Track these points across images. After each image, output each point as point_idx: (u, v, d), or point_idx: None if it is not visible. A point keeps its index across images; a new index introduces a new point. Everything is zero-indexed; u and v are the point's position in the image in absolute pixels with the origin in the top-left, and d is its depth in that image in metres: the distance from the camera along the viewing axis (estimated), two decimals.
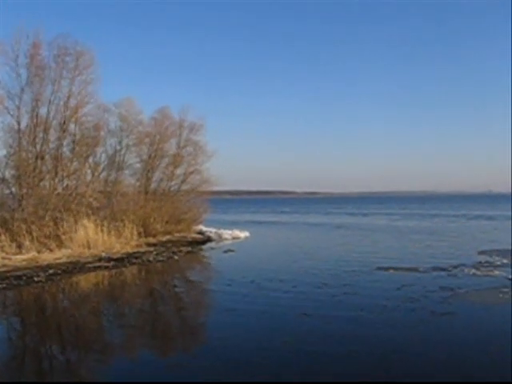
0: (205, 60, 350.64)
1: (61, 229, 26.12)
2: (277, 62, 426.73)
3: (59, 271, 20.98)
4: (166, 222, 35.54)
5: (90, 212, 28.13)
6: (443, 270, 20.94)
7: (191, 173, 38.31)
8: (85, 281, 20.27)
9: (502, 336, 11.50)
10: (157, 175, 37.34)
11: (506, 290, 16.49)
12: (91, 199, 28.90)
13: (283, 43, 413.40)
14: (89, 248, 26.01)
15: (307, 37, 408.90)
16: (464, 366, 9.48)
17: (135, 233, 30.56)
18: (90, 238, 26.48)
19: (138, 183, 36.02)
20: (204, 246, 32.55)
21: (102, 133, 32.39)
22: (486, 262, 23.24)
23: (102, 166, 32.88)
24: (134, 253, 26.80)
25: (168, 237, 34.42)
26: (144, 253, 27.02)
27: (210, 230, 38.61)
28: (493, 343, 10.92)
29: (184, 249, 29.66)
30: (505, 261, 23.34)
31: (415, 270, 21.01)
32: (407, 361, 9.87)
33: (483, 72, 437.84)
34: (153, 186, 37.06)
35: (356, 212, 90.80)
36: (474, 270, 20.64)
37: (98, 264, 23.09)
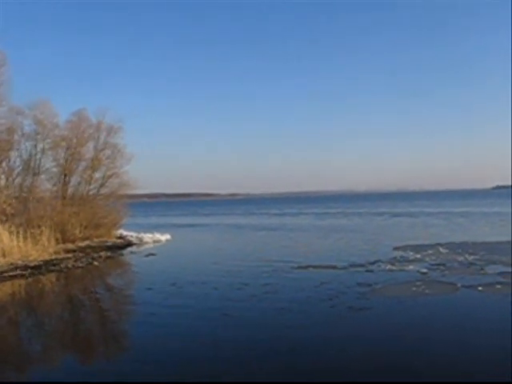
0: (122, 60, 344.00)
1: None
2: (200, 61, 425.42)
3: None
4: (85, 227, 34.80)
5: (4, 219, 27.25)
6: (361, 266, 21.65)
7: (110, 176, 37.69)
8: (0, 291, 19.61)
9: (415, 328, 12.11)
10: (74, 179, 36.50)
11: (418, 283, 17.28)
12: (5, 205, 27.96)
13: (213, 43, 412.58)
14: (4, 256, 25.10)
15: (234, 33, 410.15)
16: (380, 359, 9.90)
17: (53, 239, 29.77)
18: (4, 245, 25.57)
19: (54, 188, 35.08)
20: (124, 251, 32.13)
21: (16, 136, 31.45)
22: (401, 257, 24.23)
23: (16, 171, 31.91)
24: (52, 260, 26.10)
25: (87, 242, 33.71)
26: (62, 259, 26.36)
27: (131, 234, 38.20)
28: (407, 335, 11.48)
29: (104, 254, 29.16)
30: (418, 256, 24.39)
31: (334, 267, 21.60)
32: (326, 357, 10.19)
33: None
34: (70, 190, 36.19)
35: (279, 212, 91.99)
36: (389, 266, 21.48)
37: (13, 273, 22.34)
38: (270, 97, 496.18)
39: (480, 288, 16.19)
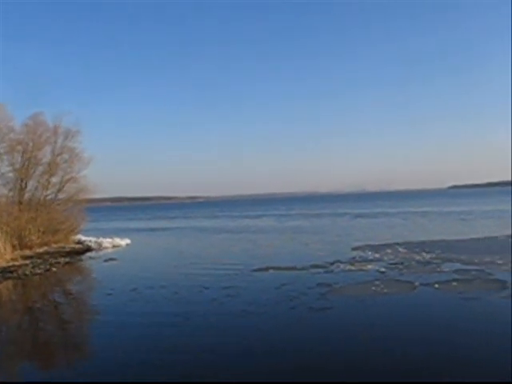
0: (80, 66, 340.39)
1: None
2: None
3: None
4: (43, 233, 34.30)
5: None
6: (321, 267, 21.86)
7: (68, 181, 37.22)
8: None
9: (374, 327, 12.31)
10: (31, 184, 35.92)
11: (377, 282, 17.57)
12: None
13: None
14: None
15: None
16: (340, 359, 10.06)
17: (9, 245, 29.24)
18: None
19: (11, 193, 34.47)
20: (83, 256, 31.69)
21: None
22: (360, 257, 24.61)
23: None
24: (9, 267, 25.63)
25: (45, 248, 33.24)
26: (20, 266, 25.91)
27: (90, 239, 37.68)
28: (367, 334, 11.66)
29: (62, 260, 28.76)
30: (377, 255, 24.78)
31: (294, 268, 21.75)
32: (287, 358, 10.26)
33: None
34: (27, 195, 35.61)
35: (241, 215, 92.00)
36: (349, 266, 21.77)
37: None
38: (234, 99, 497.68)
39: (437, 286, 16.58)
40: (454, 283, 16.87)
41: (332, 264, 22.48)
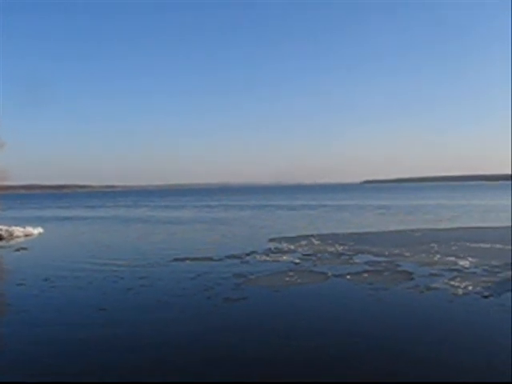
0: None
1: None
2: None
3: None
4: None
5: None
6: (237, 257, 22.11)
7: None
8: None
9: (286, 316, 12.63)
10: None
11: (291, 273, 17.99)
12: None
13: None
14: None
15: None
16: (251, 349, 10.25)
17: None
18: None
19: None
20: None
21: None
22: (276, 248, 25.10)
23: None
24: None
25: None
26: None
27: (0, 228, 36.34)
28: (279, 323, 11.96)
29: None
30: (292, 247, 25.34)
31: (210, 259, 21.90)
32: (201, 349, 10.31)
33: None
34: None
35: (161, 205, 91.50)
36: (264, 257, 22.15)
37: None
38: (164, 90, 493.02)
39: (348, 277, 17.18)
40: (365, 274, 17.54)
41: (248, 255, 22.78)
